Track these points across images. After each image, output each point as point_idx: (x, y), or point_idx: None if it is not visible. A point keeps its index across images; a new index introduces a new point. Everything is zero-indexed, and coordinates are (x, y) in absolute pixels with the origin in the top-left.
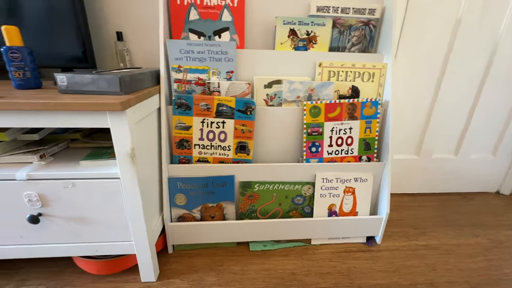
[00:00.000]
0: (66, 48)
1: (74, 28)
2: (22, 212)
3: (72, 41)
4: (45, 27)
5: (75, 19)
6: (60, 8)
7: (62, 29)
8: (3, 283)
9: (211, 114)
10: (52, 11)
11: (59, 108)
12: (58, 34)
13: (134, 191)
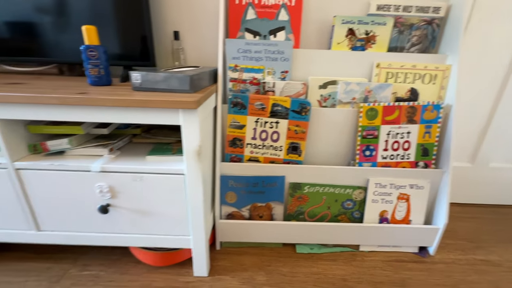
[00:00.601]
0: (130, 47)
1: (140, 28)
2: (93, 202)
3: (137, 40)
4: (113, 26)
5: (142, 19)
6: (128, 8)
7: (129, 28)
8: (68, 267)
9: (266, 114)
10: (120, 11)
11: (138, 105)
12: (125, 33)
13: (197, 188)
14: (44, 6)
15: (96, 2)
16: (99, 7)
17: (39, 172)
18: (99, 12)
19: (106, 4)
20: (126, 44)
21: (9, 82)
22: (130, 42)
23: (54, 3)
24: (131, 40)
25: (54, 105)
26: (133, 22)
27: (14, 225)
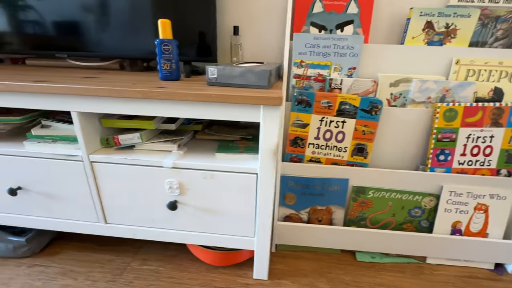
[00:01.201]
0: (193, 42)
1: (204, 22)
2: (161, 198)
3: (200, 35)
4: (176, 21)
5: (207, 13)
6: (193, 2)
7: (193, 23)
8: (128, 260)
9: (332, 113)
10: (184, 5)
11: (222, 100)
12: (188, 28)
13: (269, 188)
14: (108, 3)
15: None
16: (163, 2)
17: (112, 165)
18: (163, 6)
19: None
20: (188, 39)
21: (82, 76)
22: (193, 37)
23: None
24: (194, 35)
25: (136, 99)
26: (198, 17)
27: (83, 216)
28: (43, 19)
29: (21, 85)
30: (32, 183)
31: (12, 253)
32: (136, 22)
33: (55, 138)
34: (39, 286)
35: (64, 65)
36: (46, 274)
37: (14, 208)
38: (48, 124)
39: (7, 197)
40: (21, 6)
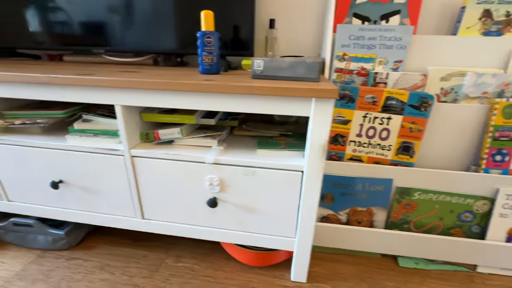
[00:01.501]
0: (230, 35)
1: (243, 15)
2: (200, 194)
3: (238, 29)
4: (216, 13)
5: (246, 5)
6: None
7: (231, 16)
8: (162, 256)
9: (377, 109)
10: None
11: (274, 93)
12: (226, 21)
13: (315, 187)
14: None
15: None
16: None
17: (153, 160)
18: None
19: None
20: (225, 33)
21: (121, 70)
22: (230, 31)
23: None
24: (231, 28)
25: (183, 92)
26: (236, 10)
27: (121, 211)
28: (81, 16)
29: (67, 78)
30: (72, 177)
31: (51, 245)
32: (171, 17)
33: (96, 132)
34: (79, 279)
35: (99, 61)
36: (84, 267)
37: (55, 201)
38: (89, 118)
39: (49, 190)
40: (59, 5)
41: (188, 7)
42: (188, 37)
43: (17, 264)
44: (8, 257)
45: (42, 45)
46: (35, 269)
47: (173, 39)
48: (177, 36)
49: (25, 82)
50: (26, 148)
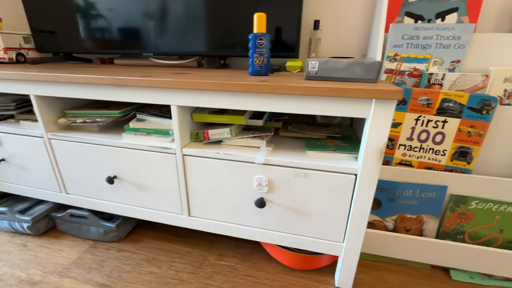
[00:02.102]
0: (278, 37)
1: (291, 17)
2: (248, 194)
3: (286, 30)
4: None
5: (294, 8)
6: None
7: (278, 17)
8: (205, 254)
9: (431, 111)
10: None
11: (332, 94)
12: (275, 22)
13: (369, 191)
14: (189, 3)
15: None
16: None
17: (203, 159)
18: (246, 1)
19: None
20: (271, 35)
21: (173, 72)
22: (276, 33)
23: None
24: (277, 30)
25: (238, 93)
26: (282, 11)
27: (169, 207)
28: (131, 23)
29: (131, 79)
30: (126, 173)
31: (102, 237)
32: (216, 21)
33: (149, 131)
34: (129, 271)
35: (147, 64)
36: (133, 260)
37: (108, 195)
38: (142, 118)
39: (104, 185)
40: (112, 13)
41: (233, 10)
42: (232, 39)
43: (73, 252)
44: (65, 245)
45: (97, 50)
46: (89, 258)
47: (217, 42)
48: (221, 39)
49: (93, 84)
50: (86, 145)
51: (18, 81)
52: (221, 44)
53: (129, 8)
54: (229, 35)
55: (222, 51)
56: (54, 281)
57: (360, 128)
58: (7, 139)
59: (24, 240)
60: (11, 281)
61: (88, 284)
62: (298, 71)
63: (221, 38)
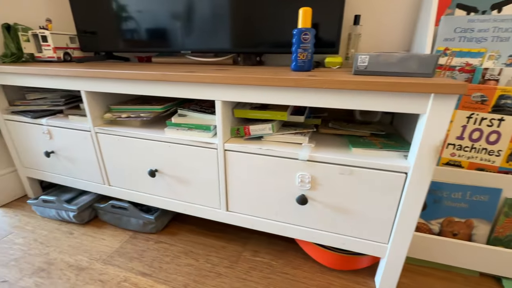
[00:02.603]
0: (322, 33)
1: (333, 12)
2: (289, 191)
3: (329, 26)
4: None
5: (336, 2)
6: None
7: (321, 13)
8: (239, 249)
9: (486, 108)
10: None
11: (388, 89)
12: (316, 18)
13: (421, 191)
14: (227, 2)
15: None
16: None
17: (245, 155)
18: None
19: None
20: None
21: (213, 69)
22: (317, 28)
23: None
24: (317, 25)
25: (286, 88)
26: (323, 7)
27: (207, 202)
28: (170, 23)
29: (179, 74)
30: (166, 167)
31: (141, 228)
32: (254, 17)
33: (191, 126)
34: (168, 262)
35: (184, 62)
36: (171, 251)
37: (149, 188)
38: (184, 113)
39: (145, 178)
40: (150, 12)
41: (270, 7)
42: (269, 36)
43: (115, 242)
44: (107, 235)
45: (137, 48)
46: (130, 248)
47: (254, 39)
48: (258, 36)
49: (142, 79)
50: (130, 139)
51: (72, 78)
52: (258, 41)
53: (167, 8)
54: (266, 32)
55: (259, 48)
56: (99, 267)
57: (404, 126)
58: (57, 132)
59: (70, 228)
60: (61, 266)
61: (131, 273)
62: (338, 67)
63: (258, 35)
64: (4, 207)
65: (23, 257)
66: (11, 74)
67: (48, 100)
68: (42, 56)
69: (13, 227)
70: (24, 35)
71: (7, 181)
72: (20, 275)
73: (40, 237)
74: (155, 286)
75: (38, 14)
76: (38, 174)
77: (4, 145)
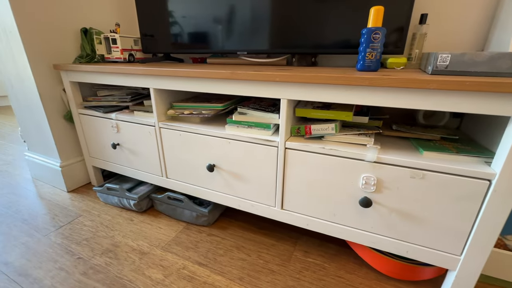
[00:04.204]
0: (388, 33)
1: (400, 12)
2: (351, 193)
3: (396, 25)
4: (365, 11)
5: (406, 2)
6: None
7: (389, 13)
8: (290, 248)
9: None
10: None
11: (479, 89)
12: (386, 17)
13: (506, 202)
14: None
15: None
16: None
17: (305, 153)
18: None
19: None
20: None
21: (277, 69)
22: (394, 28)
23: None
24: (385, 24)
25: (359, 87)
26: (391, 6)
27: (263, 198)
28: (227, 25)
29: (247, 73)
30: (224, 162)
31: (194, 220)
32: (309, 17)
33: (251, 124)
34: (221, 254)
35: (238, 62)
36: (223, 245)
37: (206, 183)
38: (243, 111)
39: (202, 172)
40: (206, 15)
41: (329, 7)
42: (324, 37)
43: (171, 231)
44: (163, 224)
45: (195, 50)
46: (185, 238)
47: (308, 40)
48: (313, 37)
49: (210, 78)
50: (192, 134)
51: (143, 76)
52: (314, 42)
53: (223, 12)
54: (322, 32)
55: (315, 49)
56: (159, 254)
57: (478, 131)
58: (124, 126)
59: (130, 215)
60: (126, 249)
61: (188, 261)
62: (401, 68)
63: (314, 36)
64: (72, 192)
65: (93, 237)
66: (89, 73)
67: (116, 97)
68: (111, 57)
69: (82, 210)
70: (98, 38)
71: (76, 169)
72: (92, 253)
73: (105, 221)
74: (212, 276)
75: (108, 19)
76: (103, 164)
77: (76, 137)
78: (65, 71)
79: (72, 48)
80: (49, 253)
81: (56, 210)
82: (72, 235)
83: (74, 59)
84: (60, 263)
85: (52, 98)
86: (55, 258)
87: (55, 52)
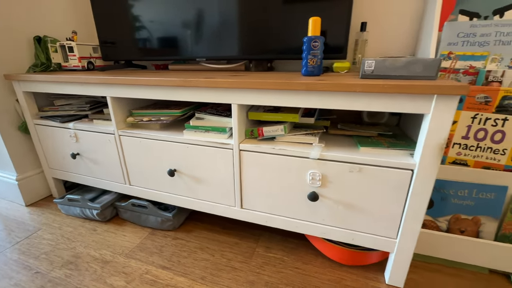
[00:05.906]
0: (330, 39)
1: (340, 20)
2: (301, 188)
3: (337, 32)
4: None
5: (344, 10)
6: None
7: (329, 20)
8: (252, 245)
9: (490, 109)
10: (321, 2)
11: (394, 91)
12: (326, 25)
13: (427, 187)
14: (239, 12)
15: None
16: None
17: (258, 154)
18: (296, 6)
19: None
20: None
21: (228, 75)
22: (326, 35)
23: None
24: (325, 33)
25: (298, 91)
26: (331, 14)
27: (222, 199)
28: (185, 32)
29: (199, 80)
30: (184, 167)
31: (159, 225)
32: (265, 25)
33: (208, 128)
34: (185, 257)
35: (199, 69)
36: (188, 247)
37: (167, 187)
38: (201, 116)
39: (164, 177)
40: (166, 22)
41: (282, 15)
42: (278, 43)
43: (136, 238)
44: (128, 231)
45: (155, 57)
46: (150, 244)
47: (264, 46)
48: (269, 43)
49: (164, 85)
50: (151, 141)
51: (99, 85)
52: (269, 48)
53: (182, 19)
54: (277, 39)
55: (270, 55)
56: (122, 261)
57: (410, 126)
58: (83, 135)
59: (93, 225)
60: (87, 259)
61: (152, 266)
62: (346, 71)
63: (269, 43)
64: (31, 206)
65: (52, 251)
66: (43, 83)
67: (74, 106)
68: (68, 65)
69: (41, 224)
70: (53, 46)
71: (35, 182)
72: (51, 267)
73: (66, 233)
74: (175, 278)
75: (64, 27)
76: (64, 175)
77: (33, 148)
78: (18, 81)
79: (25, 57)
80: (4, 270)
81: (12, 225)
82: (29, 250)
83: (28, 68)
84: (16, 279)
85: (4, 110)
86: (10, 274)
87: (6, 61)
